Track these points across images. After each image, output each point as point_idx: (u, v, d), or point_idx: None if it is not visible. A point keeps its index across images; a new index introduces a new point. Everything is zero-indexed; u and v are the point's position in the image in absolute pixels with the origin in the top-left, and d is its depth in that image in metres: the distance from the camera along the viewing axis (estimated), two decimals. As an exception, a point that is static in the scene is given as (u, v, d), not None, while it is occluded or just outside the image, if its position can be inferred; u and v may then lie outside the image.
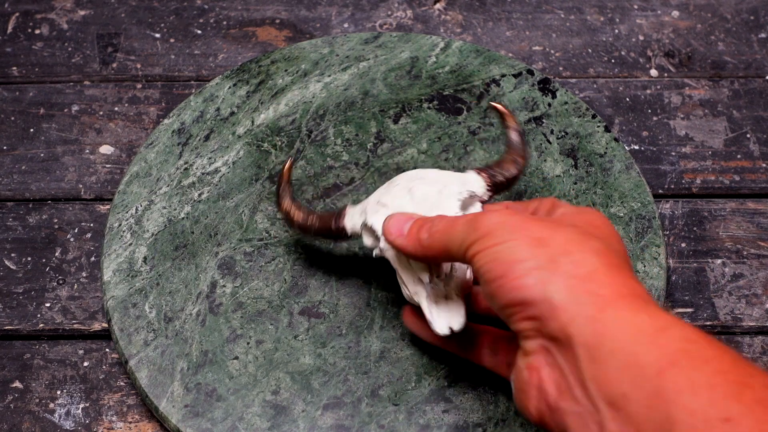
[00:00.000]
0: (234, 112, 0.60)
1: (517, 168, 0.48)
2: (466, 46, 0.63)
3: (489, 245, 0.38)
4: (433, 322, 0.44)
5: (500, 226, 0.38)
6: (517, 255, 0.37)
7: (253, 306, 0.52)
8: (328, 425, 0.48)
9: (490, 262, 0.38)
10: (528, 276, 0.36)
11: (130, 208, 0.56)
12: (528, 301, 0.36)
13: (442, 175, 0.47)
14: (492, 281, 0.38)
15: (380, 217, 0.45)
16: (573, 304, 0.35)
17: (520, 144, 0.49)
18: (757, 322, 0.53)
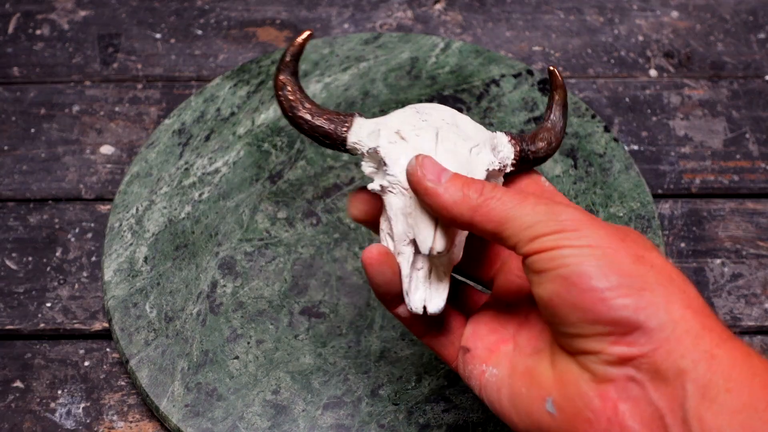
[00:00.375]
0: (234, 113, 0.60)
1: (549, 150, 0.42)
2: (466, 47, 0.63)
3: (578, 244, 0.33)
4: (408, 294, 0.39)
5: (590, 226, 0.34)
6: (619, 267, 0.32)
7: (253, 306, 0.53)
8: (328, 425, 0.48)
9: (579, 265, 0.32)
10: (636, 296, 0.32)
11: (130, 208, 0.56)
12: (630, 324, 0.32)
13: (476, 130, 0.40)
14: (581, 289, 0.32)
15: (397, 149, 0.38)
16: (689, 336, 0.31)
17: (560, 124, 0.43)
18: (756, 322, 0.54)
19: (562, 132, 0.43)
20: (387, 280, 0.39)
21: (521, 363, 0.37)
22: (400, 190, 0.38)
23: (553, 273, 0.33)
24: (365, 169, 0.40)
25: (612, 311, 0.32)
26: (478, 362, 0.39)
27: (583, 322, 0.33)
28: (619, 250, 0.33)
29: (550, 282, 0.33)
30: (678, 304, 0.32)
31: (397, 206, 0.38)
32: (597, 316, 0.32)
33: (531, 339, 0.38)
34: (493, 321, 0.40)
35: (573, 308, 0.33)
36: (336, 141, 0.40)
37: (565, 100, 0.43)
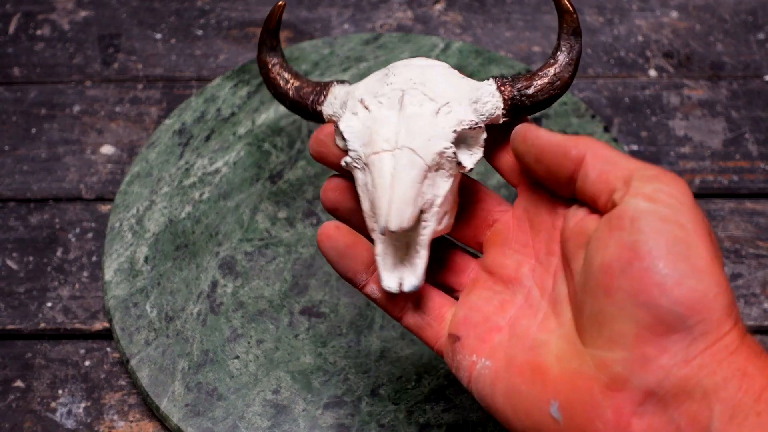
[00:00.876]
0: (235, 113, 0.60)
1: (553, 90, 0.37)
2: (465, 47, 0.63)
3: (666, 214, 0.30)
4: (381, 273, 0.36)
5: (682, 186, 0.31)
6: (696, 259, 0.30)
7: (253, 305, 0.53)
8: (328, 424, 0.49)
9: (656, 239, 0.29)
10: (698, 295, 0.29)
11: (131, 208, 0.56)
12: (676, 322, 0.29)
13: (449, 85, 0.36)
14: (644, 267, 0.29)
15: (356, 122, 0.36)
16: (726, 351, 0.29)
17: (567, 57, 0.37)
18: (756, 322, 0.54)
19: (571, 66, 0.37)
20: (340, 253, 0.37)
21: (520, 355, 0.34)
22: (362, 165, 0.36)
23: (625, 237, 0.30)
24: (338, 143, 0.38)
25: (667, 302, 0.29)
26: (468, 352, 0.36)
27: (631, 303, 0.29)
28: (700, 237, 0.30)
29: (618, 246, 0.30)
30: (731, 317, 0.29)
31: (362, 182, 0.36)
32: (648, 300, 0.29)
33: (531, 327, 0.35)
34: (485, 304, 0.37)
35: (629, 282, 0.30)
36: (313, 114, 0.39)
37: (577, 29, 0.37)
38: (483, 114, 0.37)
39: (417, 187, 0.35)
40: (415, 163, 0.35)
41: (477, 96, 0.37)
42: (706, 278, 0.29)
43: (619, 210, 0.31)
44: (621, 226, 0.31)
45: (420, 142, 0.35)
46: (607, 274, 0.30)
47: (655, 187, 0.31)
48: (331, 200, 0.39)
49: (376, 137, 0.35)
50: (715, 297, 0.29)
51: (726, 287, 0.30)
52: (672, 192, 0.31)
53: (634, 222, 0.30)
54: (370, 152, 0.35)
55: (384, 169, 0.35)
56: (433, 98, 0.36)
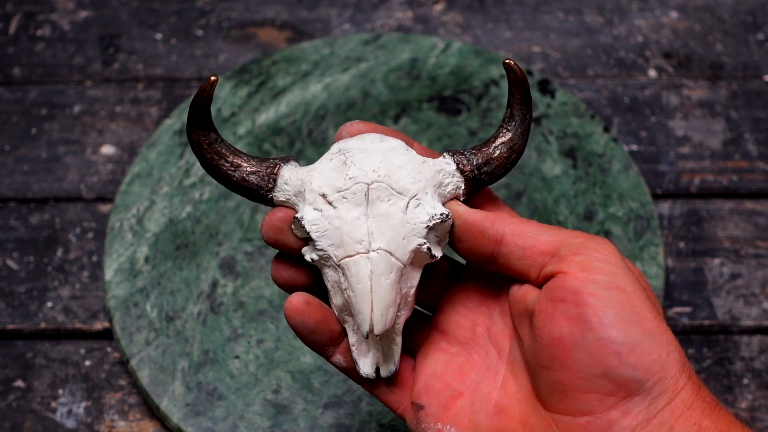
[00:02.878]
0: (235, 113, 0.60)
1: (509, 163, 0.37)
2: (465, 47, 0.63)
3: (604, 282, 0.31)
4: (357, 361, 0.37)
5: (611, 255, 0.32)
6: (642, 322, 0.31)
7: (253, 305, 0.53)
8: (328, 424, 0.49)
9: (603, 309, 0.30)
10: (653, 358, 0.30)
11: (131, 208, 0.56)
12: (637, 386, 0.30)
13: (413, 174, 0.35)
14: (598, 338, 0.30)
15: (323, 221, 0.35)
16: (683, 407, 0.31)
17: (521, 128, 0.37)
18: (755, 322, 0.54)
19: (524, 137, 0.37)
20: (310, 330, 0.36)
21: (484, 421, 0.35)
22: (332, 264, 0.35)
23: (571, 310, 0.31)
24: (295, 231, 0.36)
25: (625, 369, 0.30)
26: (432, 421, 0.36)
27: (590, 374, 0.30)
28: (641, 300, 0.31)
29: (566, 319, 0.31)
30: (685, 372, 0.31)
31: (333, 279, 0.36)
32: (607, 370, 0.30)
33: (490, 396, 0.35)
34: (444, 369, 0.37)
35: (585, 355, 0.30)
36: (263, 200, 0.37)
37: (528, 98, 0.37)
38: (445, 196, 0.36)
39: (396, 288, 0.35)
40: (393, 266, 0.34)
41: (439, 179, 0.36)
42: (658, 339, 0.30)
43: (557, 282, 0.32)
44: (564, 299, 0.31)
45: (395, 243, 0.34)
46: (560, 348, 0.31)
47: (586, 256, 0.32)
48: (284, 279, 0.37)
49: (347, 239, 0.34)
50: (668, 356, 0.30)
51: (675, 343, 0.31)
52: (603, 257, 0.32)
53: (577, 294, 0.31)
54: (343, 255, 0.35)
55: (361, 274, 0.34)
56: (401, 191, 0.35)
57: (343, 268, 0.35)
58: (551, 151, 0.59)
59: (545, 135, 0.59)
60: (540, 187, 0.57)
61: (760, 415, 0.51)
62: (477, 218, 0.35)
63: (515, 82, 0.37)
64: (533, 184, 0.57)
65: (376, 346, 0.37)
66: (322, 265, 0.36)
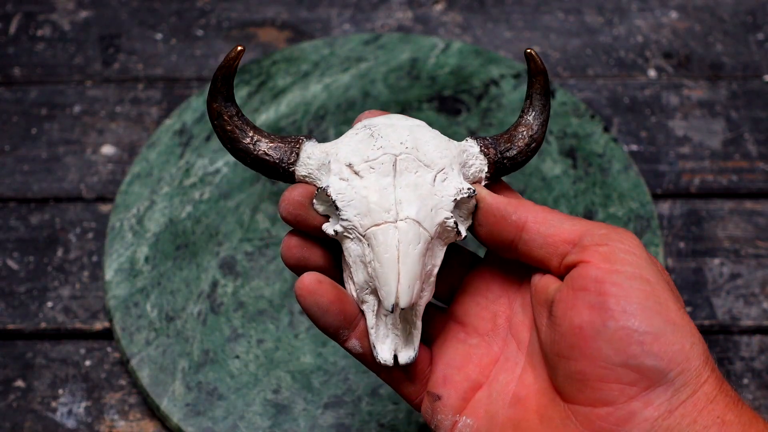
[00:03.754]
0: (235, 113, 0.60)
1: (530, 152, 0.37)
2: (465, 47, 0.63)
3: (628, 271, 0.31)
4: (375, 346, 0.35)
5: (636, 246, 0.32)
6: (666, 312, 0.30)
7: (253, 305, 0.53)
8: (328, 424, 0.49)
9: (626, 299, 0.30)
10: (676, 347, 0.30)
11: (131, 208, 0.56)
12: (660, 376, 0.30)
13: (440, 149, 0.35)
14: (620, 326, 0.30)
15: (350, 189, 0.34)
16: (706, 400, 0.30)
17: (540, 118, 0.37)
18: (755, 321, 0.54)
19: (544, 127, 0.37)
20: (323, 310, 0.35)
21: (501, 412, 0.34)
22: (357, 235, 0.34)
23: (593, 298, 0.31)
24: (317, 207, 0.35)
25: (649, 358, 0.29)
26: (449, 412, 0.35)
27: (611, 363, 0.30)
28: (665, 291, 0.31)
29: (587, 308, 0.31)
30: (708, 365, 0.30)
31: (356, 253, 0.34)
32: (629, 358, 0.30)
33: (508, 386, 0.35)
34: (464, 361, 0.36)
35: (606, 344, 0.30)
36: (283, 174, 0.35)
37: (547, 88, 0.37)
38: (469, 177, 0.36)
39: (423, 261, 0.34)
40: (421, 236, 0.33)
41: (464, 159, 0.35)
42: (682, 330, 0.30)
43: (579, 272, 0.31)
44: (585, 287, 0.31)
45: (424, 213, 0.34)
46: (580, 336, 0.31)
47: (610, 247, 0.31)
48: (296, 257, 0.36)
49: (374, 207, 0.33)
50: (692, 347, 0.30)
51: (699, 336, 0.31)
52: (627, 248, 0.31)
53: (600, 283, 0.31)
54: (370, 224, 0.33)
55: (389, 242, 0.33)
56: (428, 164, 0.34)
57: (369, 238, 0.33)
58: (551, 151, 0.59)
59: (545, 135, 0.59)
60: (540, 187, 0.57)
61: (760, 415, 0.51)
62: (501, 202, 0.34)
63: (535, 71, 0.36)
64: (533, 184, 0.57)
65: (395, 330, 0.35)
66: (344, 239, 0.34)
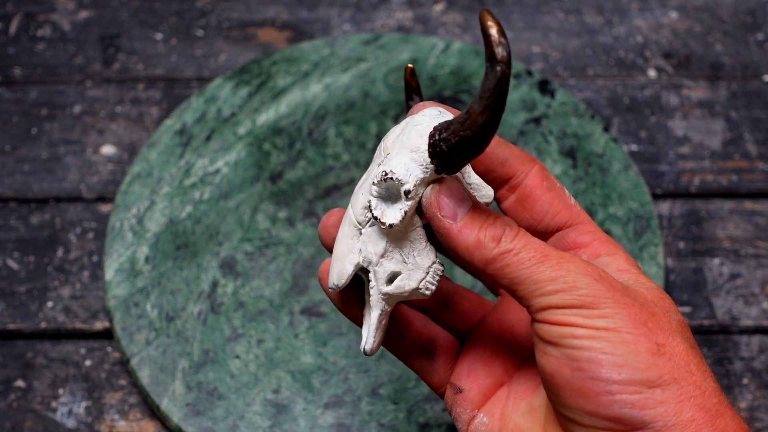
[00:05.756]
0: (235, 113, 0.60)
1: (462, 131, 0.29)
2: (465, 48, 0.63)
3: (594, 326, 0.29)
4: (364, 337, 0.35)
5: (613, 303, 0.30)
6: (634, 359, 0.29)
7: (254, 305, 0.53)
8: (328, 424, 0.49)
9: (591, 350, 0.29)
10: (646, 394, 0.29)
11: (131, 208, 0.56)
12: (634, 423, 0.29)
13: (403, 134, 0.32)
14: (588, 376, 0.29)
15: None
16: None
17: (492, 83, 0.28)
18: (755, 321, 0.54)
19: (485, 101, 0.28)
20: None
21: (513, 419, 0.34)
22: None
23: (561, 350, 0.30)
24: None
25: (616, 407, 0.29)
26: (468, 406, 0.35)
27: (583, 411, 0.30)
28: (638, 338, 0.29)
29: (556, 358, 0.30)
30: (690, 404, 0.29)
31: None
32: (599, 408, 0.29)
33: (526, 392, 0.35)
34: (491, 356, 0.36)
35: (576, 393, 0.30)
36: None
37: (493, 54, 0.27)
38: (422, 164, 0.31)
39: (346, 243, 0.33)
40: (346, 219, 0.34)
41: (417, 143, 0.31)
42: (652, 374, 0.29)
43: (546, 322, 0.30)
44: (551, 341, 0.30)
45: (354, 199, 0.34)
46: (554, 384, 0.30)
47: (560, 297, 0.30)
48: (332, 237, 0.36)
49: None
50: (666, 390, 0.29)
51: (680, 374, 0.30)
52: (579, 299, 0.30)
53: (563, 338, 0.30)
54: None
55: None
56: (386, 151, 0.32)
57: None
58: (551, 151, 0.59)
59: (545, 135, 0.59)
60: (540, 187, 0.57)
61: (760, 415, 0.51)
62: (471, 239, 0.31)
63: (483, 30, 0.28)
64: (533, 184, 0.57)
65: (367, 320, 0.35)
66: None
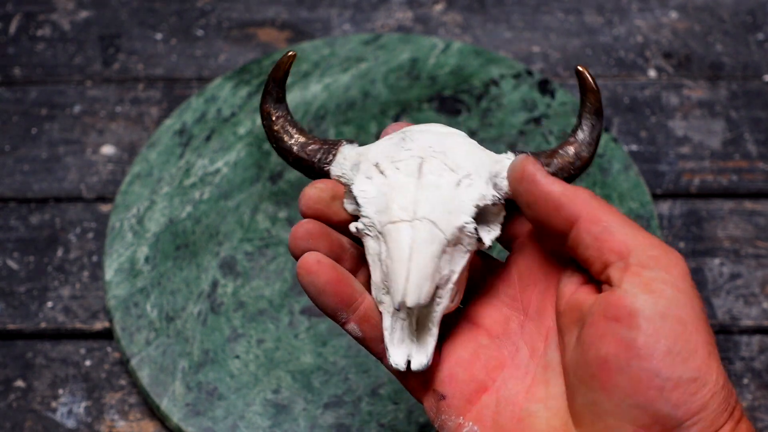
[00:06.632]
0: (235, 113, 0.60)
1: (573, 169, 0.36)
2: (465, 48, 0.63)
3: (661, 308, 0.30)
4: (388, 348, 0.34)
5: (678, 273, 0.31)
6: (693, 357, 0.29)
7: (254, 305, 0.53)
8: (328, 424, 0.49)
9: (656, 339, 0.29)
10: (696, 397, 0.29)
11: (131, 208, 0.56)
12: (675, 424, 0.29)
13: (469, 156, 0.35)
14: (643, 368, 0.29)
15: (371, 187, 0.34)
16: None
17: (590, 137, 0.37)
18: (755, 321, 0.54)
19: (592, 147, 0.36)
20: (319, 290, 0.34)
21: (508, 425, 0.33)
22: (375, 233, 0.34)
23: (623, 332, 0.30)
24: (347, 206, 0.35)
25: (665, 405, 0.29)
26: (453, 413, 0.34)
27: (628, 402, 0.29)
28: (700, 333, 0.30)
29: (616, 340, 0.30)
30: (727, 411, 0.30)
31: (374, 251, 0.34)
32: (646, 402, 0.29)
33: (519, 393, 0.34)
34: (472, 359, 0.35)
35: (627, 382, 0.29)
36: (319, 174, 0.36)
37: (599, 107, 0.37)
38: (502, 189, 0.35)
39: (436, 262, 0.33)
40: (435, 237, 0.33)
41: (497, 170, 0.35)
42: (704, 378, 0.29)
43: (615, 298, 0.30)
44: (618, 318, 0.30)
45: (440, 215, 0.33)
46: (603, 369, 0.30)
47: (654, 275, 0.30)
48: (302, 249, 0.35)
49: (392, 205, 0.34)
50: (712, 397, 0.29)
51: (723, 382, 0.30)
52: (671, 279, 0.30)
53: (633, 317, 0.30)
54: (387, 221, 0.34)
55: (402, 240, 0.33)
56: (454, 169, 0.34)
57: (384, 235, 0.34)
58: (551, 151, 0.59)
59: (545, 135, 0.59)
60: (540, 187, 0.57)
61: (760, 415, 0.51)
62: (556, 190, 0.32)
63: (588, 89, 0.36)
64: (533, 184, 0.57)
65: (411, 336, 0.34)
66: (365, 236, 0.35)
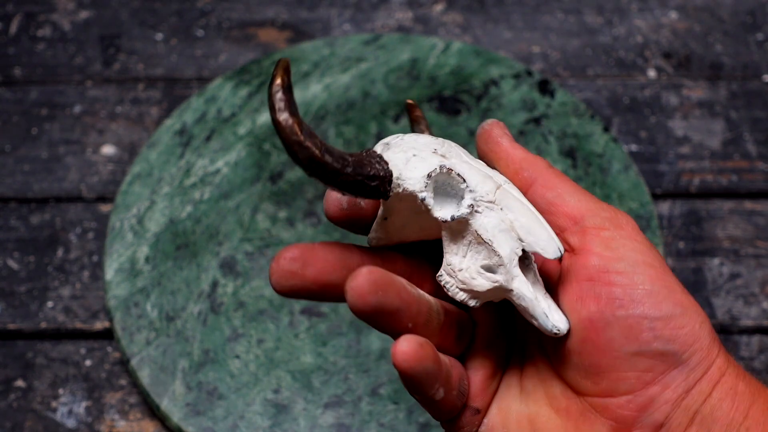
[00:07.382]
0: (235, 113, 0.60)
1: None
2: (465, 48, 0.64)
3: (632, 259, 0.31)
4: (548, 315, 0.31)
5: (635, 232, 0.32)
6: (672, 294, 0.30)
7: (254, 305, 0.53)
8: (328, 424, 0.49)
9: (632, 287, 0.30)
10: (686, 329, 0.30)
11: (131, 208, 0.56)
12: (674, 359, 0.30)
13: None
14: (630, 314, 0.30)
15: (462, 164, 0.32)
16: (719, 373, 0.30)
17: None
18: (755, 321, 0.54)
19: None
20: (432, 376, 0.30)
21: (513, 407, 0.33)
22: (486, 205, 0.32)
23: (599, 289, 0.30)
24: (428, 199, 0.31)
25: (661, 343, 0.30)
26: (479, 419, 0.33)
27: (625, 353, 0.30)
28: (669, 274, 0.31)
29: (594, 299, 0.30)
30: (716, 342, 0.31)
31: (494, 224, 0.31)
32: (642, 345, 0.30)
33: (513, 379, 0.34)
34: (494, 370, 0.34)
35: (618, 333, 0.30)
36: (385, 180, 0.31)
37: None
38: None
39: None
40: None
41: None
42: (689, 311, 0.30)
43: (581, 262, 0.31)
44: (591, 278, 0.31)
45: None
46: (591, 328, 0.30)
47: (611, 234, 0.31)
48: (370, 306, 0.32)
49: (486, 173, 0.32)
50: (701, 326, 0.30)
51: (705, 315, 0.31)
52: (628, 234, 0.31)
53: (606, 273, 0.30)
54: (494, 188, 0.32)
55: (520, 198, 0.32)
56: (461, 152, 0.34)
57: (501, 200, 0.32)
58: (551, 151, 0.59)
59: (545, 135, 0.59)
60: (540, 187, 0.57)
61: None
62: (517, 155, 0.33)
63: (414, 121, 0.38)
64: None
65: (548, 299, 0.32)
66: (474, 215, 0.32)
